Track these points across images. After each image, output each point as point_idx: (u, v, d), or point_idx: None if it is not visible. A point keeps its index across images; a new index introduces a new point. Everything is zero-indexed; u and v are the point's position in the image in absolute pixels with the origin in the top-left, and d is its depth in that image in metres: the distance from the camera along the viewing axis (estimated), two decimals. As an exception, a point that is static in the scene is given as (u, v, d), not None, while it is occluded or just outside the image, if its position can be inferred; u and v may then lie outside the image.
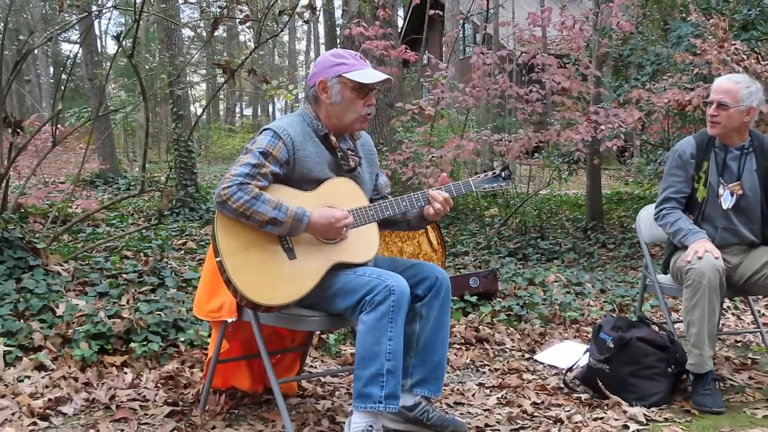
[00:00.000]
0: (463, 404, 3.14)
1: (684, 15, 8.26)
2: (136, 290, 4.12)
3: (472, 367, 3.77)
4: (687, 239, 3.24)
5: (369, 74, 2.64)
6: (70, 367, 3.22)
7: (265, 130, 2.63)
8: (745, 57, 6.14)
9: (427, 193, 2.72)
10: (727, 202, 3.35)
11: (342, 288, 2.55)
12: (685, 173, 3.39)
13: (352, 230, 2.62)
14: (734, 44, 6.27)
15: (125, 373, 3.25)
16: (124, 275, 4.40)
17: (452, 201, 2.75)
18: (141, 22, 4.89)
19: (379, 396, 2.46)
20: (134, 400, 3.01)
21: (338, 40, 15.45)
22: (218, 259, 2.50)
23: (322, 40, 30.63)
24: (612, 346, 3.20)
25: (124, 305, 3.83)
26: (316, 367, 3.64)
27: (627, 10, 8.48)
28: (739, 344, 4.25)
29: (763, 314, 4.93)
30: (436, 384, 2.71)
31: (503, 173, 2.85)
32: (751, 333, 4.34)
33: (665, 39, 8.74)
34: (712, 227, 3.34)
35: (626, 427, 2.86)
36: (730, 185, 3.35)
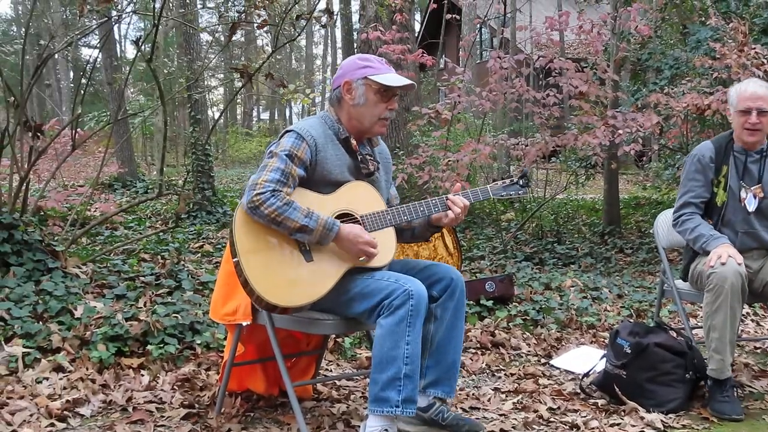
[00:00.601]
0: (478, 409, 3.12)
1: (703, 19, 8.21)
2: (153, 293, 4.14)
3: (487, 371, 3.75)
4: (709, 245, 3.21)
5: (394, 78, 2.67)
6: (87, 369, 3.24)
7: (288, 132, 2.65)
8: (765, 61, 6.10)
9: (446, 198, 2.72)
10: (751, 204, 3.32)
11: (360, 292, 2.56)
12: (705, 178, 3.36)
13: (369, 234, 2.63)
14: (754, 48, 6.23)
15: (142, 375, 3.27)
16: (142, 278, 4.43)
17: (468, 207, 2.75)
18: (160, 26, 4.93)
19: (397, 400, 2.46)
20: (151, 402, 3.03)
21: (355, 45, 15.49)
22: (236, 259, 2.52)
23: (339, 44, 30.78)
24: (629, 351, 3.18)
25: (141, 308, 3.86)
26: (331, 371, 3.64)
27: (645, 14, 8.43)
28: (759, 351, 4.20)
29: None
30: (450, 385, 2.70)
31: (521, 181, 2.85)
32: (771, 340, 4.30)
33: (684, 43, 8.69)
34: (732, 232, 3.31)
35: (643, 433, 2.85)
36: (752, 188, 3.33)
